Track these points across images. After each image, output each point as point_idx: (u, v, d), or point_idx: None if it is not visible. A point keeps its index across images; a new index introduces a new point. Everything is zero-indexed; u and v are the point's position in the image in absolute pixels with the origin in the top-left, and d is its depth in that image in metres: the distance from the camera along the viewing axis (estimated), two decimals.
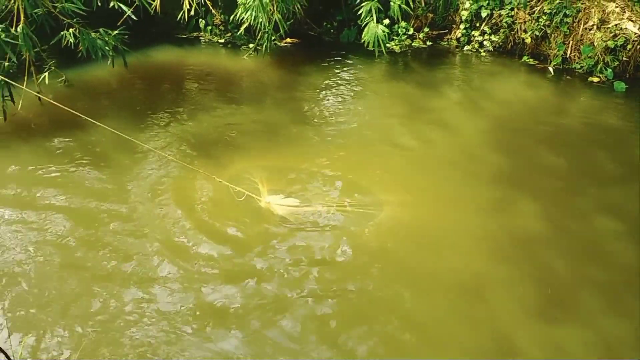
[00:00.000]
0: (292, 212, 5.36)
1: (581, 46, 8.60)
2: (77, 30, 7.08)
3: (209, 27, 10.37)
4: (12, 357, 3.12)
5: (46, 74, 7.35)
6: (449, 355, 3.92)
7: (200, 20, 10.29)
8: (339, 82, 8.50)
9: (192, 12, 9.22)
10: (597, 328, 4.09)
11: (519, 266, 4.70)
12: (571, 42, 8.74)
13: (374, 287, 4.46)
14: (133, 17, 7.33)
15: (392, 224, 5.22)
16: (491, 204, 5.48)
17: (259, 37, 8.95)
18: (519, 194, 5.63)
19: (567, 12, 8.62)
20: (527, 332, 4.06)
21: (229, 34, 10.33)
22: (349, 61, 9.29)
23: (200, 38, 10.44)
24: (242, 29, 9.14)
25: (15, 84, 6.29)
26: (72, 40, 7.07)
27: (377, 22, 7.91)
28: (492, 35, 9.52)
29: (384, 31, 7.57)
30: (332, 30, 10.52)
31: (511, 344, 3.98)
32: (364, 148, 6.67)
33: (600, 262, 4.74)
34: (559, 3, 8.72)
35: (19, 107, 6.92)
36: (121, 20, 7.68)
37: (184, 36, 10.44)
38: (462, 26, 9.76)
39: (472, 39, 9.72)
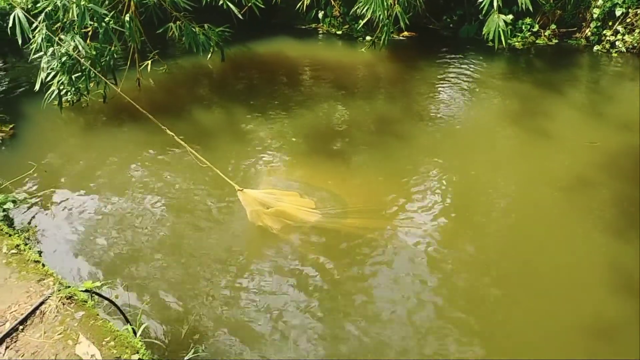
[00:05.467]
0: (265, 204, 5.09)
1: None
2: (182, 24, 7.42)
3: (327, 19, 10.53)
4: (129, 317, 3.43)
5: (149, 62, 7.74)
6: None
7: (319, 11, 10.47)
8: (454, 79, 8.33)
9: (309, 2, 9.42)
10: None
11: None
12: None
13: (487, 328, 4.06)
14: (240, 16, 7.57)
15: (495, 252, 4.77)
16: (609, 235, 4.89)
17: (377, 31, 8.96)
18: None
19: None
20: None
21: (347, 26, 10.42)
22: (466, 57, 9.06)
23: (318, 29, 10.64)
24: (362, 23, 9.20)
25: (103, 78, 6.55)
26: (177, 33, 7.44)
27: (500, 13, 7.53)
28: (626, 35, 8.87)
29: (506, 22, 7.18)
30: (451, 25, 10.31)
31: None
32: (466, 159, 6.24)
33: None
34: None
35: (119, 89, 7.22)
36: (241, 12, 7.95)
37: (303, 27, 10.70)
38: (592, 24, 9.19)
39: (603, 38, 9.12)
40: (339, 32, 10.43)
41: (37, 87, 6.48)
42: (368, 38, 9.72)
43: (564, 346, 3.89)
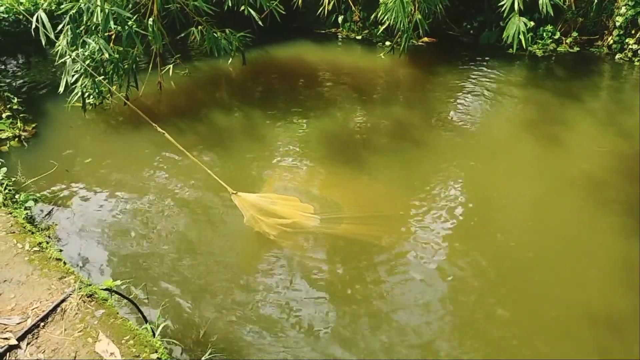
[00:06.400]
0: (261, 208, 5.00)
1: None
2: (204, 29, 7.49)
3: (347, 24, 10.55)
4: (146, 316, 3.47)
5: (171, 66, 7.80)
6: None
7: (339, 16, 10.49)
8: (473, 85, 8.29)
9: (330, 7, 9.48)
10: None
11: None
12: None
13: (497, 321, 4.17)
14: (260, 23, 7.59)
15: (511, 249, 4.87)
16: (618, 233, 5.01)
17: (397, 37, 8.95)
18: None
19: None
20: None
21: (367, 31, 10.44)
22: (486, 64, 9.02)
23: (338, 34, 10.67)
24: (381, 28, 9.21)
25: (106, 84, 6.78)
26: (198, 37, 7.50)
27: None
28: None
29: (526, 24, 7.02)
30: (471, 32, 10.27)
31: None
32: (484, 165, 6.21)
33: None
34: None
35: (140, 93, 7.44)
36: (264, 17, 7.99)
37: (322, 32, 10.73)
38: (615, 33, 9.10)
39: (625, 46, 9.03)
40: (359, 37, 10.45)
41: (61, 89, 6.58)
42: (387, 43, 9.72)
43: (574, 335, 4.03)
